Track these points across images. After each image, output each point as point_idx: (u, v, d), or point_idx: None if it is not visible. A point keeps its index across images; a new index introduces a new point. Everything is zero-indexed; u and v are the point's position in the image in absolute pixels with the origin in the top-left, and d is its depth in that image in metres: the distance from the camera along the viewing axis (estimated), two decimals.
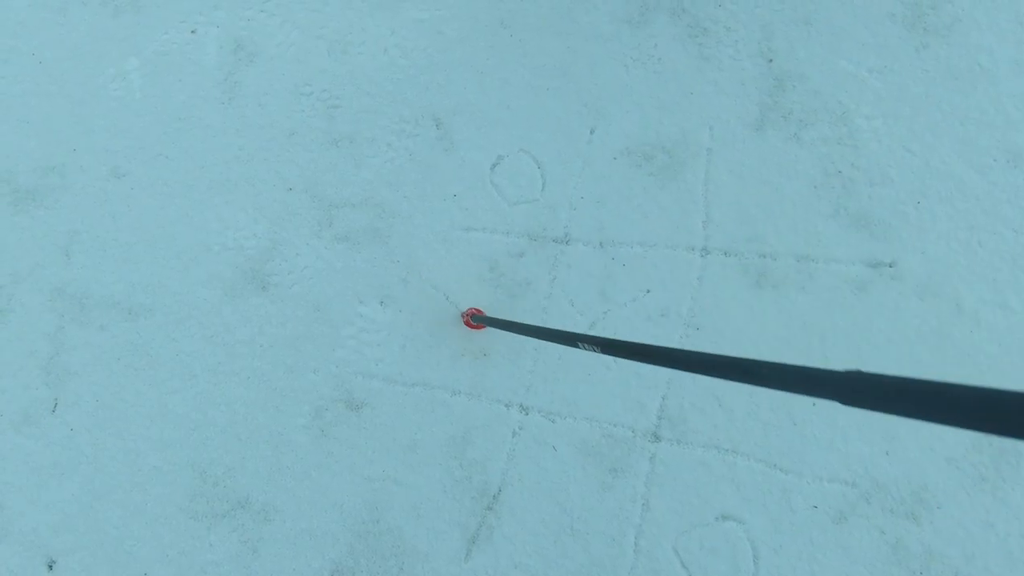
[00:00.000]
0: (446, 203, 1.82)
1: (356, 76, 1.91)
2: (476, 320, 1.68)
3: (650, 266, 1.73)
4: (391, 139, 1.86)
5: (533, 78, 1.86)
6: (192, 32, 1.98)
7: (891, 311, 1.64)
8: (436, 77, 1.89)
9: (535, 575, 1.61)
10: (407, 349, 1.75)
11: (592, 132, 1.81)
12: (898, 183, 1.70)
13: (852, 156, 1.73)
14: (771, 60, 1.79)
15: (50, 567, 1.74)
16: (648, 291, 1.71)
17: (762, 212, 1.72)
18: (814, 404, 1.61)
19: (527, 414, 1.70)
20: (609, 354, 1.05)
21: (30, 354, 1.83)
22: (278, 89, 1.92)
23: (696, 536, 1.60)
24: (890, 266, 1.66)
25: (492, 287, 1.76)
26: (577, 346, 1.09)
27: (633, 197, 1.77)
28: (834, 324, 1.65)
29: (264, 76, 1.93)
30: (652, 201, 1.76)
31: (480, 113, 1.86)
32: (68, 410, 1.80)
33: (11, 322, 1.85)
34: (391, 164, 1.85)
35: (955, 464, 1.57)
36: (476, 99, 1.87)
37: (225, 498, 1.73)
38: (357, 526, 1.68)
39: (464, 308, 1.73)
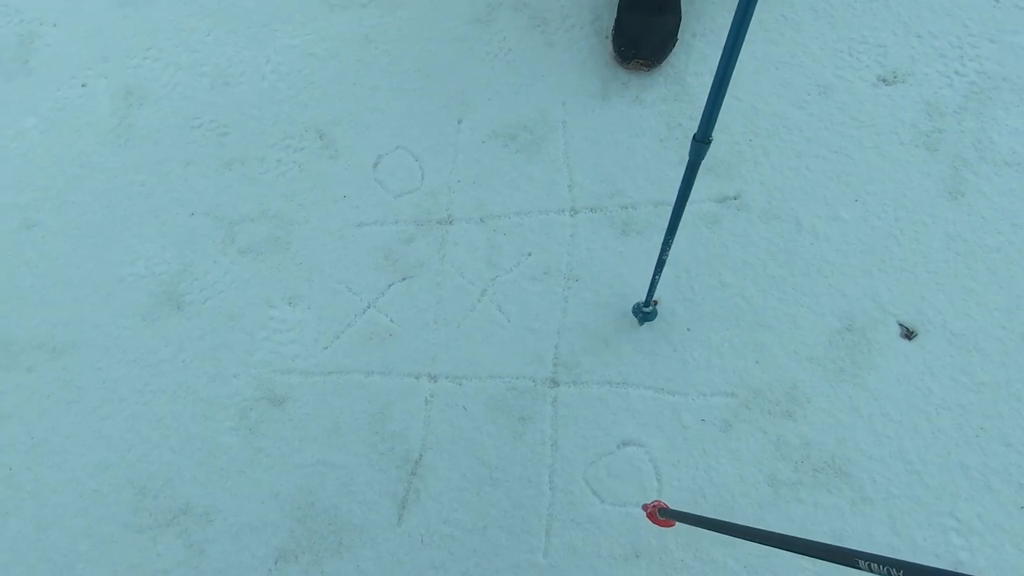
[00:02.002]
0: (337, 204, 1.79)
1: (240, 104, 1.87)
2: (664, 515, 1.38)
3: (528, 232, 1.73)
4: (280, 155, 1.83)
5: (401, 82, 1.85)
6: (83, 86, 1.99)
7: (742, 237, 1.67)
8: (313, 94, 1.86)
9: (464, 527, 1.56)
10: (319, 341, 1.71)
11: (460, 122, 1.81)
12: (731, 127, 1.73)
13: (688, 109, 1.76)
14: (607, 37, 1.89)
15: None
16: (529, 254, 1.71)
17: (619, 169, 1.73)
18: (688, 329, 1.71)
19: (436, 382, 1.67)
20: None
21: None
22: (170, 126, 1.86)
23: (603, 465, 1.58)
24: (735, 199, 1.71)
25: (389, 272, 1.77)
26: (857, 565, 0.74)
27: (504, 174, 1.76)
28: (696, 256, 1.73)
29: (155, 116, 1.87)
30: (522, 174, 1.76)
31: (357, 120, 1.83)
32: (4, 452, 1.72)
33: None
34: (283, 177, 1.82)
35: (817, 362, 1.65)
36: (352, 108, 1.84)
37: (167, 508, 1.64)
38: (294, 511, 1.61)
39: (648, 500, 1.51)
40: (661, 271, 1.41)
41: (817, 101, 1.75)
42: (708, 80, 1.79)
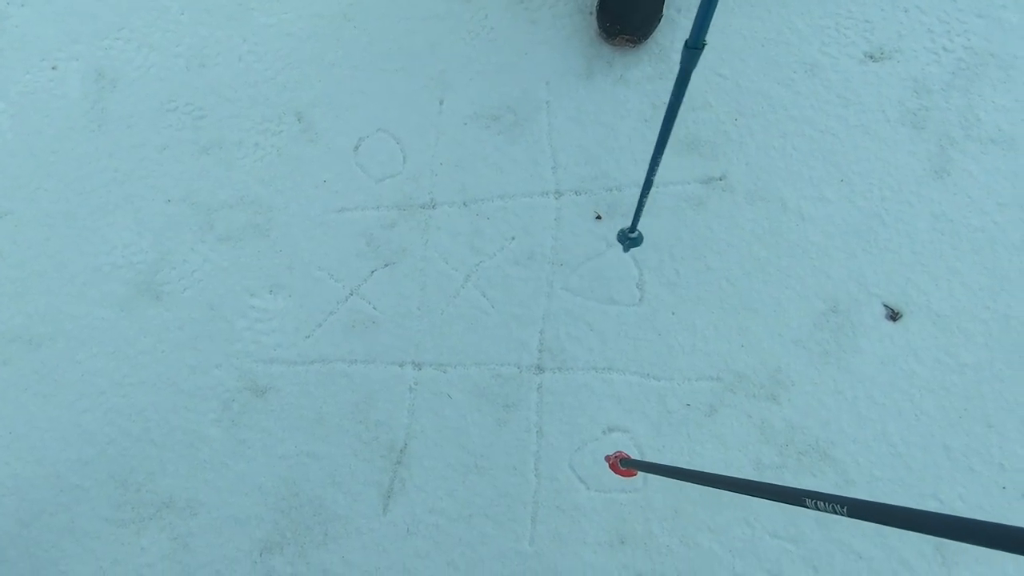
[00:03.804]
0: (318, 189, 1.66)
1: (216, 86, 1.72)
2: (625, 465, 1.35)
3: (511, 215, 1.61)
4: (258, 139, 1.69)
5: (381, 62, 1.70)
6: (53, 68, 1.84)
7: (727, 219, 1.55)
8: (291, 75, 1.71)
9: (450, 516, 1.48)
10: (301, 330, 1.59)
11: (441, 103, 1.67)
12: (716, 106, 1.61)
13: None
14: (591, 13, 1.73)
15: None
16: (513, 238, 1.59)
17: (603, 150, 1.61)
18: (673, 314, 1.61)
19: (420, 369, 1.57)
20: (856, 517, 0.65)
21: None
22: (144, 109, 1.72)
23: (588, 451, 1.49)
24: (721, 180, 1.58)
25: (371, 259, 1.65)
26: (804, 504, 0.71)
27: (487, 156, 1.64)
28: (680, 239, 1.62)
29: (129, 99, 1.72)
30: (505, 156, 1.63)
31: (336, 102, 1.69)
32: None
33: None
34: (261, 162, 1.68)
35: (802, 344, 1.56)
36: (331, 90, 1.70)
37: (150, 502, 1.54)
38: (278, 503, 1.52)
39: (608, 452, 1.45)
40: (648, 192, 1.21)
41: (803, 79, 1.63)
42: None
